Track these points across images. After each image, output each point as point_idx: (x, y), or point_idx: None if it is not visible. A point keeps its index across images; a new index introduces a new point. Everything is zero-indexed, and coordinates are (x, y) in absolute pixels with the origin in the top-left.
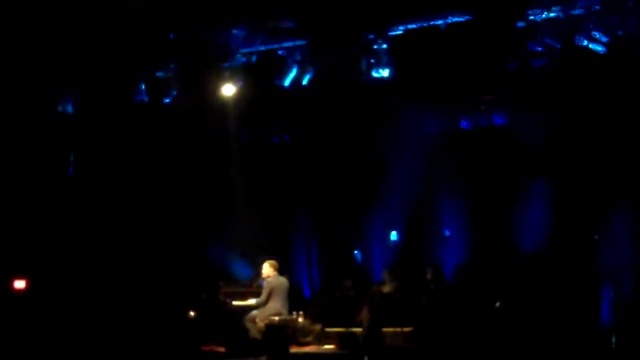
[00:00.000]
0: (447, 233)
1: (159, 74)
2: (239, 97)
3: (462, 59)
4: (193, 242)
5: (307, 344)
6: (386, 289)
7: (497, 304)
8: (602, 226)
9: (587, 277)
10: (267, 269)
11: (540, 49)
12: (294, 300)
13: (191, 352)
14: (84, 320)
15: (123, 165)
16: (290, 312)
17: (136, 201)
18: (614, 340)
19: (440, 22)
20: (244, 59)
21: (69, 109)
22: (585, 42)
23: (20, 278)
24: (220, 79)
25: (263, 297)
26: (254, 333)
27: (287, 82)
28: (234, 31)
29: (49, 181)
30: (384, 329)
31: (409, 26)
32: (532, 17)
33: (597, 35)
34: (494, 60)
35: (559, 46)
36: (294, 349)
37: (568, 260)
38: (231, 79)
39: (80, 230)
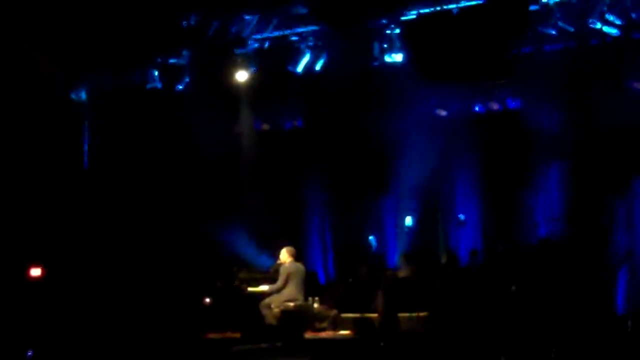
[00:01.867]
0: (462, 217)
1: (172, 60)
2: (252, 83)
3: (475, 43)
4: (208, 228)
5: (323, 329)
6: (401, 274)
7: (513, 288)
8: (617, 210)
9: (603, 262)
10: (284, 255)
11: (553, 32)
12: (310, 286)
13: (206, 338)
14: (99, 308)
15: (137, 152)
16: (305, 298)
17: (151, 189)
18: (629, 324)
19: (452, 6)
20: (256, 45)
21: (83, 96)
22: (599, 25)
23: (36, 266)
24: (233, 65)
25: (280, 282)
26: (269, 319)
27: (300, 68)
28: (247, 17)
29: (64, 169)
30: (400, 314)
31: (422, 10)
32: (545, 0)
33: (611, 18)
34: (507, 44)
35: (572, 29)
36: (309, 335)
37: (583, 245)
38: (244, 65)
39: (96, 217)
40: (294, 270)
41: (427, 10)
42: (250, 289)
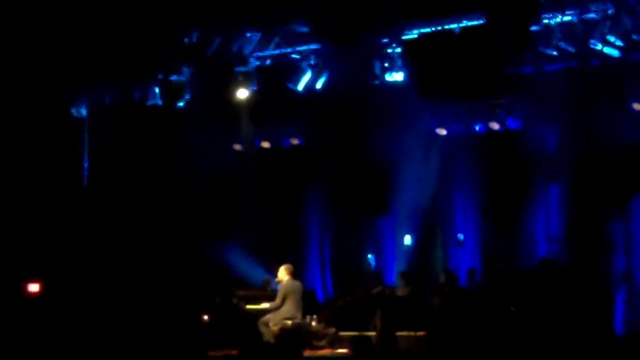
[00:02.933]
0: (461, 237)
1: (173, 77)
2: (253, 101)
3: (476, 63)
4: (207, 245)
5: (321, 347)
6: (400, 292)
7: (512, 309)
8: (616, 231)
9: (601, 282)
10: (282, 272)
11: (554, 52)
12: (308, 304)
13: (204, 356)
14: (96, 324)
15: (136, 168)
16: (304, 316)
17: (149, 205)
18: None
19: (454, 25)
20: (257, 63)
21: (83, 112)
22: (600, 46)
23: (34, 281)
24: (234, 83)
25: (278, 300)
26: (267, 337)
27: (301, 86)
28: (248, 35)
29: (63, 185)
30: (398, 333)
31: (423, 30)
32: (546, 21)
33: (612, 39)
34: (508, 63)
35: (573, 50)
36: (307, 353)
37: (582, 265)
38: (245, 82)
39: (94, 233)
40: (291, 289)
41: (428, 30)
42: (248, 306)
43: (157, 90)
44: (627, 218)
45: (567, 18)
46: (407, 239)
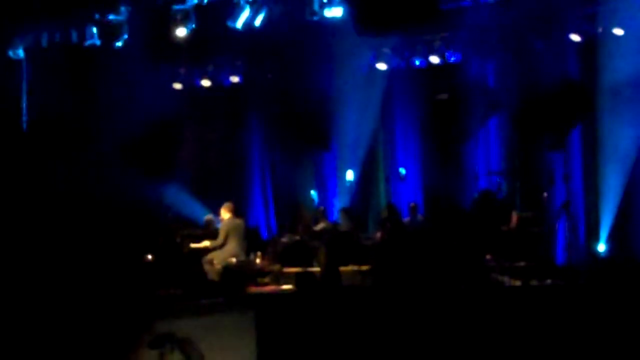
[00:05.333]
0: (403, 172)
1: (111, 17)
2: (191, 40)
3: None
4: (149, 186)
5: (265, 284)
6: (343, 228)
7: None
8: (554, 162)
9: (541, 213)
10: (224, 211)
11: None
12: (252, 241)
13: (148, 296)
14: (38, 266)
15: (75, 110)
16: (247, 254)
17: (89, 146)
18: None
19: None
20: (195, 1)
21: (20, 54)
22: None
23: None
24: (173, 21)
25: (220, 239)
26: (211, 275)
27: (239, 23)
28: None
29: (2, 128)
30: (341, 268)
31: None
32: None
33: None
34: None
35: None
36: (252, 290)
37: (522, 197)
38: (183, 21)
39: (34, 176)
40: (234, 226)
41: None
42: (191, 245)
43: (94, 30)
44: (565, 149)
45: None
46: (350, 175)
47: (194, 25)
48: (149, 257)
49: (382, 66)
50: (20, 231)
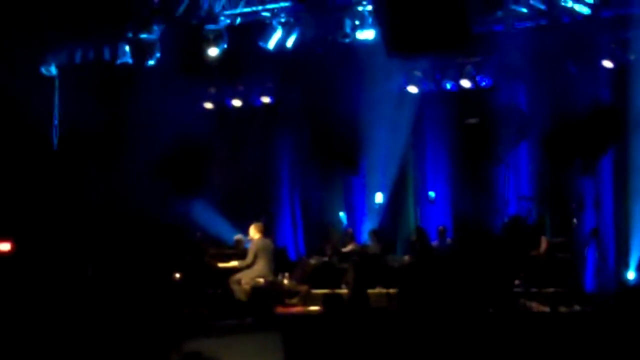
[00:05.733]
0: (432, 195)
1: (143, 36)
2: (223, 60)
3: (447, 20)
4: (179, 204)
5: (293, 305)
6: (371, 250)
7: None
8: (585, 188)
9: (571, 240)
10: (253, 231)
11: (525, 10)
12: (280, 262)
13: (176, 314)
14: (68, 284)
15: (106, 127)
16: (275, 274)
17: (120, 164)
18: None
19: None
20: (227, 21)
21: (53, 71)
22: (570, 3)
23: (4, 241)
24: (205, 41)
25: (249, 259)
26: (239, 295)
27: (271, 44)
28: None
29: (33, 144)
30: (369, 290)
31: None
32: None
33: None
34: (478, 21)
35: (544, 7)
36: (279, 311)
37: (552, 223)
38: (215, 41)
39: (65, 192)
40: (263, 246)
41: None
42: (220, 264)
43: (127, 48)
44: (596, 175)
45: None
46: (379, 197)
47: (225, 45)
48: (177, 275)
49: (413, 89)
50: (50, 247)
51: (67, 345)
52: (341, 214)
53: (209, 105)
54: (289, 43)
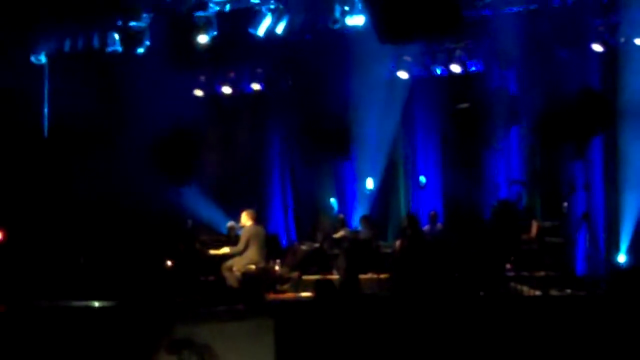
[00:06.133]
0: (423, 180)
1: (132, 23)
2: (213, 47)
3: (437, 5)
4: (169, 192)
5: (284, 291)
6: (362, 235)
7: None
8: (575, 172)
9: (561, 223)
10: (245, 217)
11: None
12: (271, 248)
13: (168, 301)
14: (60, 271)
15: (96, 115)
16: (267, 261)
17: (110, 152)
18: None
19: None
20: (217, 8)
21: (43, 59)
22: None
23: None
24: (194, 29)
25: (240, 245)
26: (230, 281)
27: (261, 31)
28: None
29: (23, 133)
30: (361, 276)
31: None
32: None
33: None
34: (468, 6)
35: None
36: (271, 297)
37: (542, 206)
38: (205, 28)
39: (56, 181)
40: (255, 233)
41: None
42: (211, 251)
43: (116, 36)
44: (586, 159)
45: None
46: (370, 183)
47: (215, 32)
48: (169, 262)
49: (403, 75)
50: (42, 236)
51: (58, 332)
52: (332, 200)
53: (199, 93)
54: (279, 29)
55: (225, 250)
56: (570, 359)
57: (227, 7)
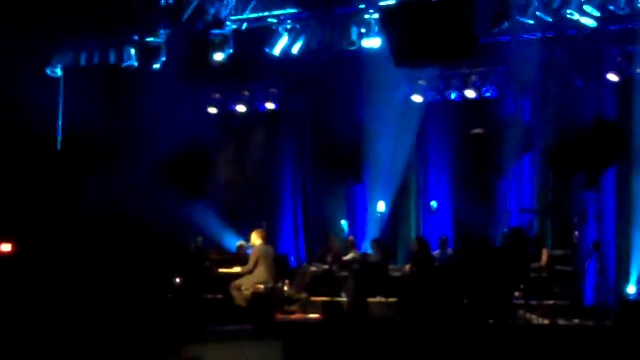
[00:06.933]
0: (434, 205)
1: (149, 39)
2: (228, 65)
3: (453, 31)
4: (181, 209)
5: (293, 312)
6: (372, 259)
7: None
8: (587, 202)
9: (572, 252)
10: (255, 237)
11: (531, 22)
12: (280, 269)
13: (176, 320)
14: (70, 286)
15: (110, 130)
16: (276, 281)
17: (123, 167)
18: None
19: None
20: (234, 26)
21: (58, 72)
22: (577, 16)
23: (6, 242)
24: (210, 46)
25: (250, 265)
26: (239, 301)
27: (277, 50)
28: None
29: (37, 146)
30: (369, 299)
31: None
32: None
33: (589, 10)
34: (485, 32)
35: (550, 19)
36: (279, 318)
37: (553, 235)
38: (221, 46)
39: (68, 194)
40: (264, 253)
41: None
42: (221, 270)
43: (132, 51)
44: (599, 189)
45: None
46: (381, 206)
47: (231, 51)
48: (178, 280)
49: (417, 99)
50: (52, 249)
51: (67, 347)
52: (343, 222)
53: (213, 110)
54: (295, 50)
55: (235, 269)
56: None
57: (244, 26)
